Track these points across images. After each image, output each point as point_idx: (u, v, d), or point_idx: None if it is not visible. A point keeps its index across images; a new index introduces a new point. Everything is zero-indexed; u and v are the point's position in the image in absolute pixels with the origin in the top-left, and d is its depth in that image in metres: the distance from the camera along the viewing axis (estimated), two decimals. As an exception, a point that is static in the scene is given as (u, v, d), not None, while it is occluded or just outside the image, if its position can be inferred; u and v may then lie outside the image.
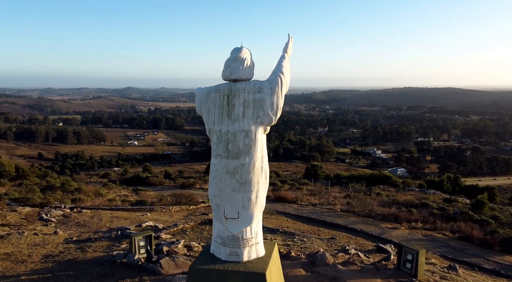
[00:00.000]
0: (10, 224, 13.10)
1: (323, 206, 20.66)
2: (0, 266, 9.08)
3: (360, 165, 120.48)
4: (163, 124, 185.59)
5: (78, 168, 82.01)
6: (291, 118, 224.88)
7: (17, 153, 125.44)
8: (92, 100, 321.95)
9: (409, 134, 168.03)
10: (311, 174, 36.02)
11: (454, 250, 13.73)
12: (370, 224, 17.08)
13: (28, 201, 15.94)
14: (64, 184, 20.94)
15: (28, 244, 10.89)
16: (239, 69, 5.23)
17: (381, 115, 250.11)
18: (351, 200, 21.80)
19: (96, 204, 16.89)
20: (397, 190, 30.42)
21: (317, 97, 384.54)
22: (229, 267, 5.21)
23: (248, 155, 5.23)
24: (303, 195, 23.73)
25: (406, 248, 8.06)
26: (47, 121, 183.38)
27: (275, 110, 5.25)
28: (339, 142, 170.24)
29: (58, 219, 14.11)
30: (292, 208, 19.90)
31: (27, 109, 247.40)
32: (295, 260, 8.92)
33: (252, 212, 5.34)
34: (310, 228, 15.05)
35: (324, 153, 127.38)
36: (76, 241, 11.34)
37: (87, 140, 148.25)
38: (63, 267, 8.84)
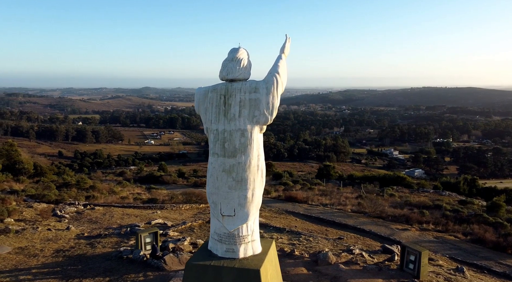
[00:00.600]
0: (25, 219, 13.57)
1: (334, 206, 20.56)
2: (14, 259, 9.44)
3: (376, 166, 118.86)
4: (179, 124, 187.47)
5: (96, 166, 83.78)
6: (307, 118, 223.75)
7: (39, 151, 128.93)
8: (110, 100, 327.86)
9: (427, 135, 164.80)
10: (324, 174, 35.80)
11: (465, 252, 13.49)
12: (380, 225, 16.93)
13: (44, 197, 16.44)
14: (79, 182, 21.48)
15: (41, 239, 11.27)
16: (235, 69, 5.32)
17: (398, 116, 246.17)
18: (362, 200, 21.63)
19: (108, 201, 17.27)
20: (411, 191, 29.96)
21: (333, 97, 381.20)
22: (225, 263, 5.31)
23: (244, 153, 5.31)
24: (314, 195, 23.66)
25: (409, 248, 8.00)
26: (67, 121, 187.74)
27: (270, 110, 5.32)
28: (355, 142, 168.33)
29: (71, 215, 14.52)
30: (302, 208, 19.88)
31: (48, 109, 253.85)
32: (297, 259, 8.97)
33: (248, 210, 5.42)
34: (319, 228, 15.03)
35: (340, 153, 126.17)
36: (87, 237, 11.66)
37: (105, 139, 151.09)
38: (72, 262, 9.14)
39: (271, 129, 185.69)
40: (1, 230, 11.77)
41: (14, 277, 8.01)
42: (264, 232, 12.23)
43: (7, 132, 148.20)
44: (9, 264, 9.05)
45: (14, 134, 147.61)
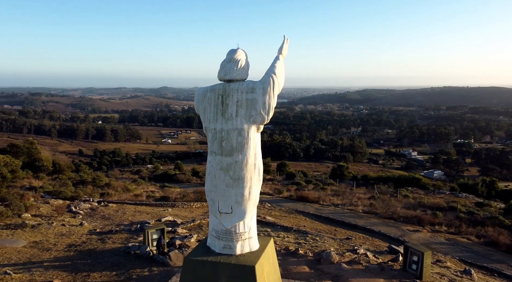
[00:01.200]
0: (42, 215, 14.06)
1: (345, 206, 20.45)
2: (28, 252, 9.84)
3: (393, 167, 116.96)
4: (196, 123, 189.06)
5: (115, 164, 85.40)
6: (323, 118, 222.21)
7: (60, 149, 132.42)
8: (129, 100, 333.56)
9: (447, 136, 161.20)
10: (337, 174, 35.54)
11: (476, 255, 13.25)
12: (391, 226, 16.77)
13: (60, 194, 16.98)
14: (95, 179, 22.05)
15: (55, 234, 11.68)
16: (233, 70, 5.44)
17: (418, 116, 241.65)
18: (374, 201, 21.44)
19: (122, 199, 17.69)
20: (427, 192, 29.45)
21: (351, 97, 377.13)
22: (222, 259, 5.44)
23: (241, 152, 5.42)
24: (326, 195, 23.57)
25: (412, 249, 7.97)
26: (87, 120, 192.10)
27: (267, 110, 5.42)
28: (372, 143, 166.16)
29: (85, 211, 14.96)
30: (313, 208, 19.86)
31: (70, 108, 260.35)
32: (301, 257, 9.03)
33: (245, 207, 5.53)
34: (328, 227, 15.02)
35: (356, 154, 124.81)
36: (99, 232, 12.02)
37: (123, 138, 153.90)
38: (83, 256, 9.46)
39: (287, 129, 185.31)
40: (18, 225, 12.26)
41: (27, 269, 8.36)
42: (272, 231, 12.34)
43: (30, 131, 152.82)
44: (24, 257, 9.44)
45: (37, 132, 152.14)
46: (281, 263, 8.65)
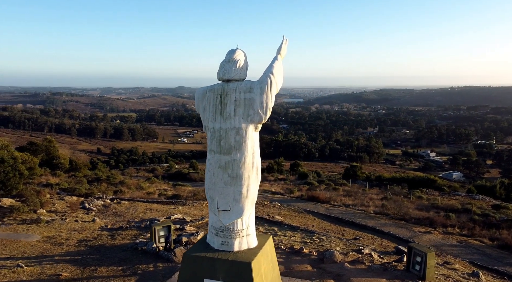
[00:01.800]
0: (56, 211, 14.50)
1: (356, 207, 20.32)
2: (41, 247, 10.20)
3: (411, 168, 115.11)
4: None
5: (131, 163, 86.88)
6: (340, 118, 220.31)
7: (79, 147, 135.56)
8: (146, 99, 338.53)
9: (467, 137, 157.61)
10: (350, 174, 35.28)
11: (488, 257, 13.00)
12: (402, 227, 16.59)
13: (75, 191, 17.45)
14: (109, 177, 22.55)
15: (68, 230, 12.04)
16: (231, 70, 5.54)
17: (437, 116, 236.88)
18: (386, 202, 21.22)
19: (134, 196, 18.05)
20: (442, 194, 28.93)
21: (367, 97, 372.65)
22: (220, 255, 5.54)
23: (239, 151, 5.52)
24: (338, 196, 23.45)
25: (415, 249, 7.92)
26: (106, 119, 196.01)
27: (264, 109, 5.49)
28: (389, 143, 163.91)
29: (98, 208, 15.34)
30: (324, 208, 19.81)
31: (89, 107, 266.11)
32: (305, 256, 9.08)
33: (243, 205, 5.62)
34: (336, 228, 14.98)
35: (373, 154, 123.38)
36: (110, 229, 12.33)
37: (140, 137, 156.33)
38: (92, 251, 9.74)
39: (303, 129, 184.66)
40: (33, 220, 12.71)
41: (39, 263, 8.68)
42: (279, 230, 12.40)
43: (51, 129, 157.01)
44: (36, 251, 9.79)
45: (58, 131, 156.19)
46: (285, 262, 8.74)
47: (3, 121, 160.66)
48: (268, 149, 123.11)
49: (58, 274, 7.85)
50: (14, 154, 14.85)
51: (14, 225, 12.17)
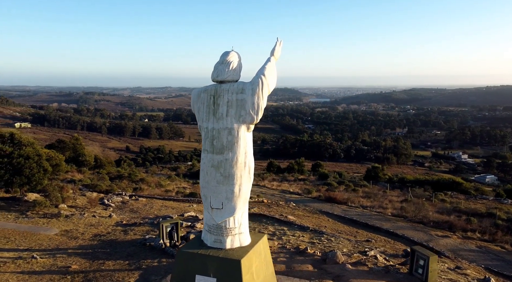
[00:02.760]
0: (77, 206, 15.14)
1: (374, 209, 19.98)
2: (58, 240, 10.71)
3: (441, 170, 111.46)
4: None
5: (158, 161, 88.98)
6: (367, 118, 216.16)
7: (109, 145, 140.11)
8: (174, 99, 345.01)
9: (503, 138, 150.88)
10: (372, 176, 34.64)
11: (507, 264, 12.49)
12: (419, 230, 16.20)
13: (96, 187, 18.14)
14: (131, 174, 23.26)
15: (85, 224, 12.56)
16: (224, 71, 5.67)
17: (470, 117, 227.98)
18: (405, 204, 20.74)
19: (152, 194, 18.54)
20: (468, 197, 27.92)
21: (397, 96, 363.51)
22: (211, 252, 5.68)
23: (231, 150, 5.63)
24: (356, 197, 23.13)
25: (418, 253, 7.78)
26: (134, 118, 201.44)
27: (256, 110, 5.58)
28: (418, 144, 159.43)
29: (116, 204, 15.88)
30: (340, 209, 19.61)
31: (119, 106, 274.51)
32: (308, 256, 9.08)
33: (235, 204, 5.73)
34: (349, 229, 14.82)
35: (400, 155, 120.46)
36: (124, 224, 12.75)
37: (167, 135, 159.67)
38: (104, 245, 10.14)
39: (329, 129, 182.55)
40: (54, 214, 13.33)
41: (52, 255, 9.14)
42: (288, 230, 12.42)
43: (83, 128, 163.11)
44: (53, 243, 10.30)
45: (89, 129, 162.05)
46: (287, 261, 8.79)
47: (39, 120, 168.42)
48: (293, 149, 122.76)
49: (68, 266, 8.24)
50: (39, 151, 15.62)
51: (36, 218, 12.82)
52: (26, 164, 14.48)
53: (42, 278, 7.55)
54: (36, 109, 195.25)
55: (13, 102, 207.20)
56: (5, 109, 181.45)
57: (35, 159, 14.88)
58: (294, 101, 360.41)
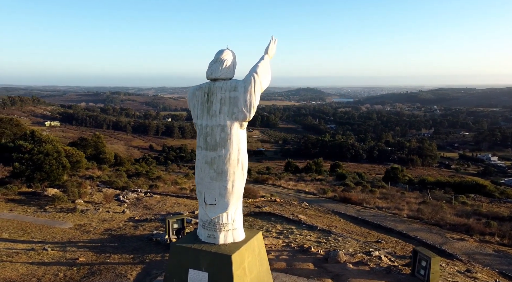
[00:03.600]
0: (93, 201, 15.63)
1: (389, 210, 19.60)
2: (71, 233, 11.11)
3: (468, 172, 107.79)
4: (258, 122, 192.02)
5: (180, 159, 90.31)
6: (391, 118, 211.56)
7: (133, 144, 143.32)
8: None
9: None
10: (391, 177, 33.94)
11: (525, 270, 12.03)
12: (434, 232, 15.78)
13: (113, 184, 18.65)
14: (148, 172, 23.76)
15: (99, 219, 12.96)
16: (218, 69, 5.76)
17: (501, 117, 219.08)
18: (423, 206, 20.24)
19: (166, 191, 18.89)
20: (491, 200, 26.93)
21: (423, 96, 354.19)
22: (204, 247, 5.77)
23: (224, 147, 5.71)
24: (372, 198, 22.75)
25: (420, 254, 7.63)
26: (158, 117, 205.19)
27: (248, 107, 5.64)
28: (445, 146, 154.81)
29: (131, 201, 16.28)
30: (354, 210, 19.36)
31: (144, 106, 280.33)
32: (310, 255, 9.05)
33: (228, 200, 5.81)
34: (360, 230, 14.62)
35: (426, 157, 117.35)
36: (136, 220, 13.08)
37: (190, 135, 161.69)
38: (113, 240, 10.45)
39: (351, 129, 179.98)
40: (70, 209, 13.83)
41: (63, 247, 9.50)
42: (295, 229, 12.40)
43: (109, 127, 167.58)
44: (66, 237, 10.70)
45: (115, 128, 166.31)
46: (289, 259, 8.79)
47: (68, 118, 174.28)
48: (314, 149, 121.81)
49: (76, 258, 8.55)
50: (58, 148, 16.22)
51: (53, 212, 13.34)
52: (45, 160, 15.08)
53: (50, 269, 7.87)
54: (65, 108, 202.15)
55: (44, 102, 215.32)
56: (37, 108, 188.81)
57: (54, 156, 15.46)
58: (317, 101, 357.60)
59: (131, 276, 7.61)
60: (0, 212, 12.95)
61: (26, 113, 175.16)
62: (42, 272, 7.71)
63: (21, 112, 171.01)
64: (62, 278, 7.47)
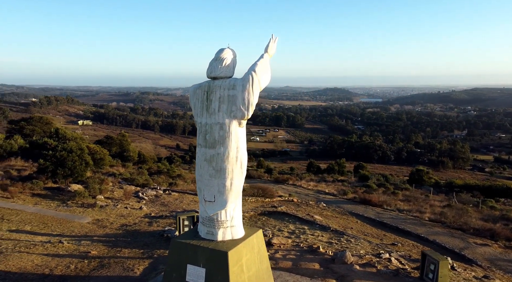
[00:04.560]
0: (113, 197, 16.11)
1: (411, 213, 19.06)
2: (88, 228, 11.51)
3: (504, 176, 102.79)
4: (284, 122, 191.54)
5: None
6: (422, 119, 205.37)
7: (161, 143, 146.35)
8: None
9: None
10: (415, 179, 32.92)
11: (552, 279, 11.40)
12: (456, 237, 15.23)
13: (134, 181, 19.15)
14: (169, 170, 24.23)
15: (116, 215, 13.35)
16: (217, 68, 5.82)
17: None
18: (446, 209, 19.56)
19: (185, 189, 19.19)
20: (524, 205, 25.66)
21: (456, 97, 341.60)
22: (203, 244, 5.84)
23: (222, 145, 5.77)
24: (394, 200, 22.20)
25: (429, 257, 7.41)
26: (185, 117, 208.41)
27: (246, 106, 5.68)
28: (479, 148, 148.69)
29: (150, 198, 16.67)
30: (374, 212, 18.98)
31: (171, 106, 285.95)
32: (318, 255, 8.96)
33: (227, 197, 5.86)
34: (376, 232, 14.32)
35: (457, 159, 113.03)
36: (152, 216, 13.38)
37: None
38: (127, 235, 10.74)
39: (379, 130, 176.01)
40: (90, 204, 14.32)
41: (78, 241, 9.86)
42: (308, 229, 12.30)
43: (138, 126, 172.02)
44: (83, 231, 11.10)
45: (143, 127, 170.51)
46: (295, 259, 8.74)
47: (99, 117, 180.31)
48: (340, 150, 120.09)
49: (88, 252, 8.86)
50: (82, 145, 16.83)
51: (74, 207, 13.86)
52: (68, 157, 15.68)
53: (63, 261, 8.20)
54: (97, 108, 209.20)
55: (77, 101, 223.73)
56: (71, 107, 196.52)
57: (78, 153, 16.06)
58: (344, 101, 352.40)
59: (138, 270, 7.81)
60: (26, 205, 13.60)
61: (61, 112, 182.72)
62: (55, 263, 8.04)
63: (56, 112, 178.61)
64: (73, 269, 7.76)
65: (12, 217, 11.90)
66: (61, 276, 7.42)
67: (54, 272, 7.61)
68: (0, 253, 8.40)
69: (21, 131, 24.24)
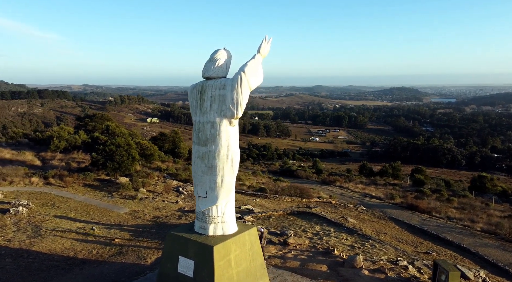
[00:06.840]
0: (155, 191, 17.09)
1: (461, 221, 17.62)
2: (123, 218, 12.38)
3: None
4: (345, 122, 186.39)
5: (261, 157, 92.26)
6: (502, 121, 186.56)
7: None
8: (284, 98, 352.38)
9: None
10: (477, 186, 30.00)
11: None
12: (508, 250, 13.78)
13: (177, 176, 20.09)
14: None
15: (153, 207, 14.17)
16: (210, 68, 6.00)
17: None
18: (505, 221, 17.74)
19: (224, 186, 19.69)
20: None
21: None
22: (194, 237, 6.07)
23: (214, 143, 5.95)
24: (446, 207, 20.64)
25: (440, 267, 6.91)
26: (246, 116, 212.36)
27: (235, 105, 5.79)
28: None
29: (188, 193, 17.39)
30: (419, 218, 17.88)
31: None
32: (330, 257, 8.75)
33: (218, 194, 6.02)
34: (413, 239, 13.49)
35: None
36: (184, 211, 13.99)
37: (274, 133, 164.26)
38: (154, 226, 11.38)
39: (451, 132, 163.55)
40: (132, 196, 15.35)
41: (109, 229, 10.68)
42: (334, 231, 12.00)
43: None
44: (117, 220, 11.98)
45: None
46: (306, 260, 8.64)
47: (166, 116, 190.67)
48: (404, 152, 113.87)
49: (113, 239, 9.58)
50: (129, 141, 18.07)
51: (117, 198, 14.98)
52: (117, 152, 16.95)
53: (88, 246, 8.97)
54: (164, 106, 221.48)
55: (147, 100, 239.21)
56: (141, 106, 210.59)
57: (125, 148, 17.28)
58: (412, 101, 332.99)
59: (150, 259, 8.28)
60: (76, 194, 15.00)
61: (132, 110, 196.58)
62: (81, 248, 8.84)
63: (128, 110, 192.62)
64: (94, 254, 8.47)
65: (62, 204, 13.21)
66: (82, 260, 8.15)
67: (77, 255, 8.38)
68: (39, 236, 9.43)
69: (85, 127, 26.71)
